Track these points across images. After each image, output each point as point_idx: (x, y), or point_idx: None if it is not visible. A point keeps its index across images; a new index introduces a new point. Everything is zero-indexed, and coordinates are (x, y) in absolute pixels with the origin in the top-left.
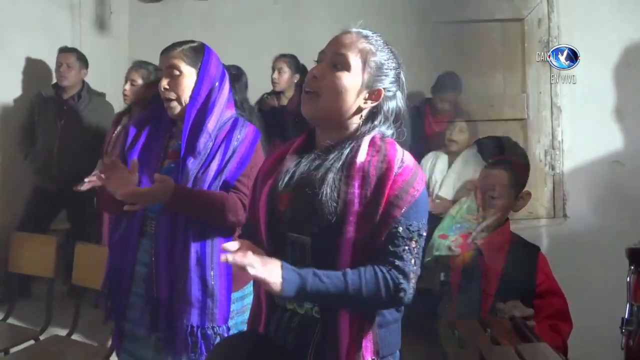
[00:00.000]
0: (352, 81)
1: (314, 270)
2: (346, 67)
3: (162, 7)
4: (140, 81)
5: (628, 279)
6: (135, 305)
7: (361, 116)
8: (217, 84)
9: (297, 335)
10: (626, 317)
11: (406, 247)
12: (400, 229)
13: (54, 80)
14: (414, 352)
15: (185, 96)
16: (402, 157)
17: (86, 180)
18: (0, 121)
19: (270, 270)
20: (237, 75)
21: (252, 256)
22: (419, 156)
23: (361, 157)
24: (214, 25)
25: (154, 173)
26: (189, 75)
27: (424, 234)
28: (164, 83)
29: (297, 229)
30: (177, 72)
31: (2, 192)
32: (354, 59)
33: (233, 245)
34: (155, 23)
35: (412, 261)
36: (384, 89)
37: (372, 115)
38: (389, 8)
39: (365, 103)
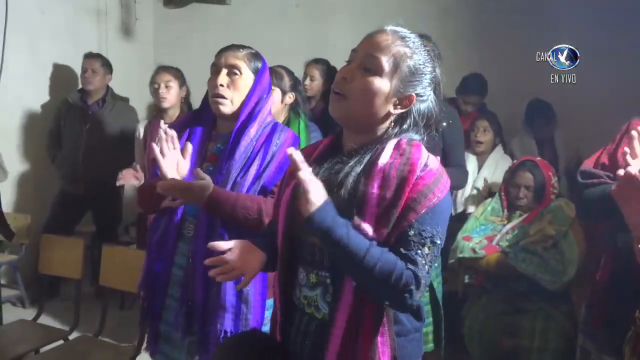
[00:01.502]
0: (382, 86)
1: (347, 222)
2: (378, 71)
3: (186, 12)
4: (173, 83)
5: None
6: (170, 308)
7: (390, 122)
8: (265, 95)
9: (314, 339)
10: None
11: (419, 252)
12: (412, 232)
13: (80, 86)
14: (436, 354)
15: (239, 98)
16: (427, 161)
17: (124, 174)
18: (32, 126)
19: (316, 188)
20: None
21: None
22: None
23: (384, 159)
24: (236, 29)
25: (192, 176)
26: (246, 79)
27: (439, 242)
28: (223, 80)
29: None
30: (237, 73)
31: (34, 195)
32: (387, 63)
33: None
34: (180, 28)
35: (426, 268)
36: (416, 94)
37: (401, 119)
38: (410, 7)
39: (395, 109)
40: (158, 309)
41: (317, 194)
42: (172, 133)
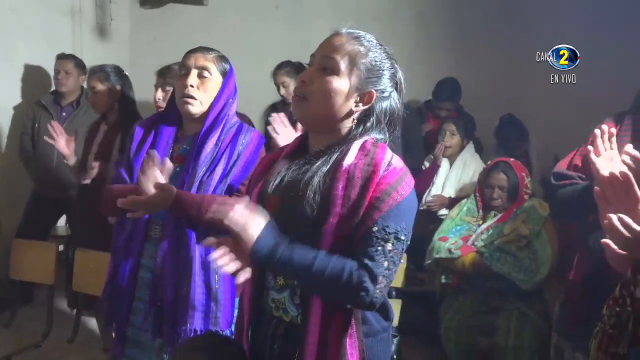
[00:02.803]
0: (340, 85)
1: (290, 241)
2: (335, 70)
3: (163, 13)
4: (100, 86)
5: None
6: (138, 310)
7: (353, 119)
8: (231, 100)
9: (283, 343)
10: None
11: (379, 248)
12: (375, 229)
13: (54, 88)
14: (415, 355)
15: (207, 99)
16: (390, 161)
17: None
18: (3, 128)
19: (252, 222)
20: None
21: (239, 205)
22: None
23: (349, 160)
24: (214, 30)
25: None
26: (216, 81)
27: (403, 238)
28: (193, 81)
29: (283, 233)
30: (208, 75)
31: (6, 199)
32: (342, 62)
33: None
34: (156, 29)
35: (385, 264)
36: (376, 90)
37: (365, 118)
38: (391, 10)
39: (356, 106)
40: (125, 312)
41: (252, 226)
42: (155, 155)
